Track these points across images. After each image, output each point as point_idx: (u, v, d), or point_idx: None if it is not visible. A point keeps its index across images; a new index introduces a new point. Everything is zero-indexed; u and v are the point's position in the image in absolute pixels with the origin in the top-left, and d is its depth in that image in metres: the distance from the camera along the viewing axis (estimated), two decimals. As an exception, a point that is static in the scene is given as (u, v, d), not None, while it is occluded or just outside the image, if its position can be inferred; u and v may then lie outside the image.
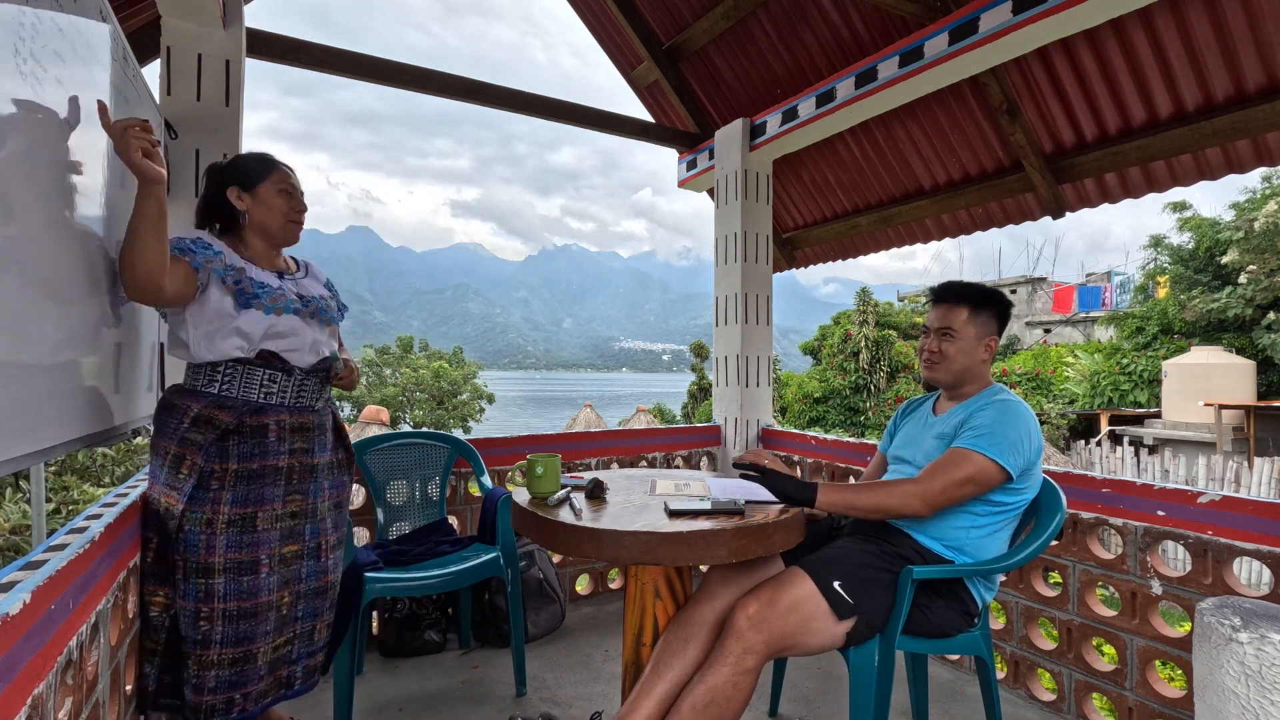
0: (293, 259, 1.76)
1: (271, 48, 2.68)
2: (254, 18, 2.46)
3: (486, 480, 2.52)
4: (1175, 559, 7.05)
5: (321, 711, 2.06)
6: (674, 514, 1.44)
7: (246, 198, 1.59)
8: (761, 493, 1.63)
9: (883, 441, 1.97)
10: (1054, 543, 2.14)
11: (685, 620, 1.52)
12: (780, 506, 1.54)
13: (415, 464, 2.62)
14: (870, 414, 15.83)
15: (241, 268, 1.53)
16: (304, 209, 1.67)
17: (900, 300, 22.42)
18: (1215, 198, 12.88)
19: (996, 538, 1.61)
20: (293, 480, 1.57)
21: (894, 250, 4.00)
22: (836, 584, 1.45)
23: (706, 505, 1.48)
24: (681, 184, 4.13)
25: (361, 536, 2.61)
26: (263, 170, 1.62)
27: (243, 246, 1.60)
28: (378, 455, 2.56)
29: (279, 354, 1.56)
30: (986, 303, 1.69)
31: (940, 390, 1.81)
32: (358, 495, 2.60)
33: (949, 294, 1.72)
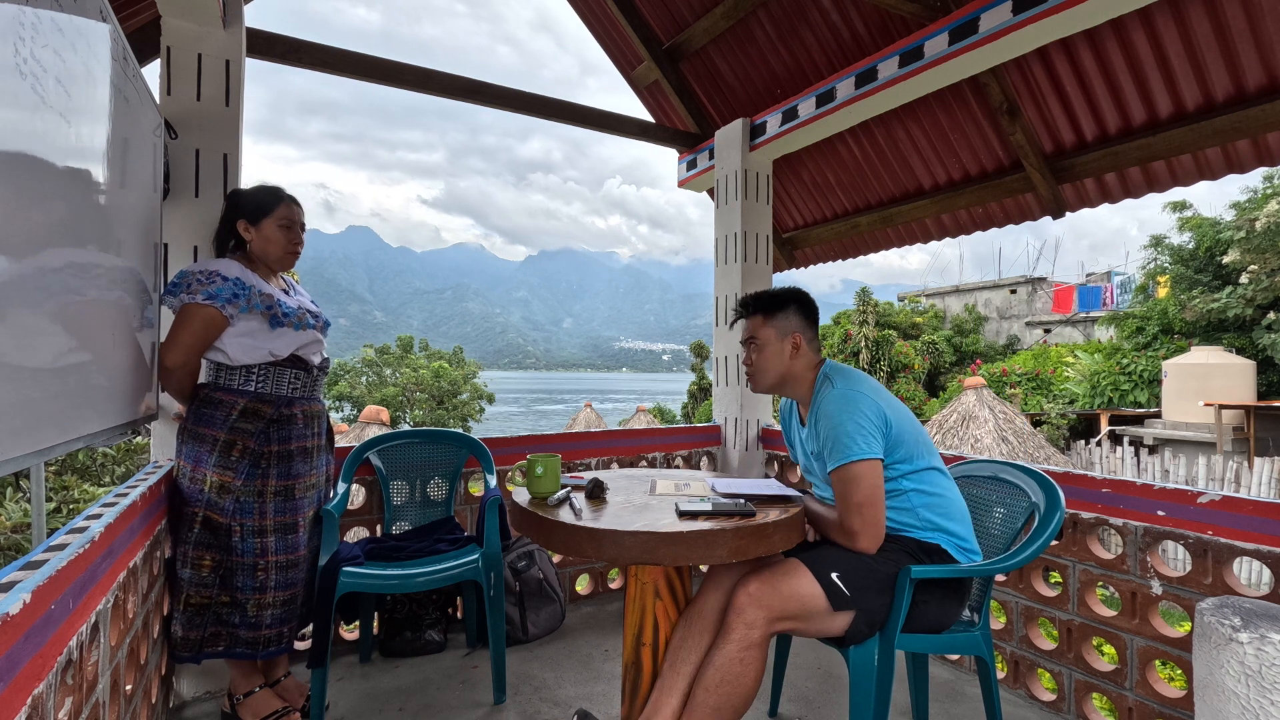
0: (282, 278, 2.07)
1: (272, 48, 2.68)
2: (250, 17, 2.47)
3: (492, 480, 2.52)
4: (1175, 559, 7.05)
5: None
6: (684, 514, 1.44)
7: (252, 230, 1.88)
8: (762, 490, 1.64)
9: (791, 453, 1.96)
10: (1054, 543, 2.14)
11: (695, 614, 1.54)
12: (780, 506, 1.55)
13: (426, 462, 2.63)
14: (870, 414, 15.81)
15: (270, 294, 1.84)
16: (300, 243, 1.94)
17: (900, 300, 22.43)
18: (1215, 197, 12.87)
19: (938, 491, 1.61)
20: (311, 459, 1.93)
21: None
22: (834, 574, 1.46)
23: (713, 506, 1.48)
24: (682, 184, 4.13)
25: (361, 532, 2.61)
26: (267, 207, 1.88)
27: (254, 266, 1.90)
28: (390, 452, 2.56)
29: (302, 357, 1.91)
30: (779, 305, 1.72)
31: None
32: (359, 493, 2.60)
33: (744, 306, 1.77)
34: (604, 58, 4.31)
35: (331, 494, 2.18)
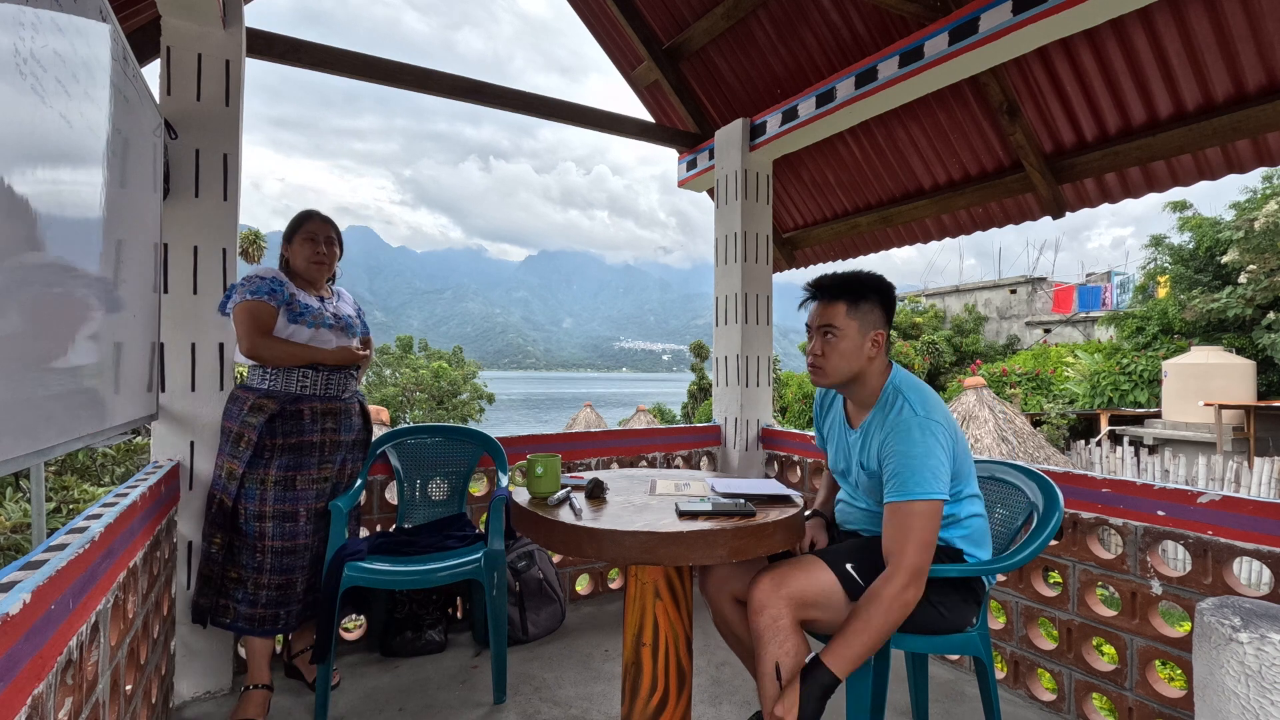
0: (330, 288, 2.26)
1: (271, 47, 2.68)
2: (250, 17, 2.47)
3: (503, 479, 2.52)
4: (1175, 559, 7.05)
5: (306, 700, 2.11)
6: (684, 514, 1.44)
7: (288, 248, 2.16)
8: (762, 489, 1.64)
9: (817, 439, 1.86)
10: (1054, 542, 2.14)
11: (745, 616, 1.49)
12: (780, 506, 1.55)
13: (441, 459, 2.63)
14: (870, 414, 15.79)
15: (295, 294, 2.07)
16: (323, 253, 2.14)
17: (899, 300, 22.45)
18: (1215, 197, 12.88)
19: (975, 512, 1.60)
20: (325, 453, 2.08)
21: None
22: (849, 565, 1.46)
23: (713, 506, 1.48)
24: (682, 184, 4.13)
25: (375, 526, 2.62)
26: (295, 225, 2.16)
27: (295, 279, 2.15)
28: (406, 448, 2.58)
29: None
30: (866, 293, 1.54)
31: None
32: (373, 488, 2.61)
33: (825, 289, 1.57)
34: (545, 25, 4.31)
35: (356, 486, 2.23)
